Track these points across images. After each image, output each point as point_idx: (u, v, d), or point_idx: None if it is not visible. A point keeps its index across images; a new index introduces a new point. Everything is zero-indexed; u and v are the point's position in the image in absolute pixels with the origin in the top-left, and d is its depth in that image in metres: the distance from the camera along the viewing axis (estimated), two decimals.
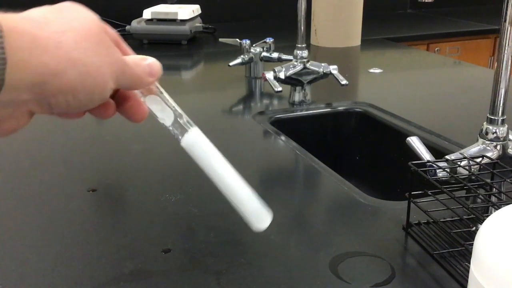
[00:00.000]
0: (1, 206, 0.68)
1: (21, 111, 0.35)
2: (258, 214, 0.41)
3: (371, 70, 1.39)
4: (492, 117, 0.61)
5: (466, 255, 0.54)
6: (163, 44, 1.72)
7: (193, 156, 0.41)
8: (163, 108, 0.41)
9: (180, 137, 0.41)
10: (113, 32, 0.39)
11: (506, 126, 0.62)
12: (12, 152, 0.86)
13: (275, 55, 1.28)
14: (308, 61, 1.08)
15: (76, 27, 0.34)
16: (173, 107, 0.41)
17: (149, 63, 0.40)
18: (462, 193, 0.64)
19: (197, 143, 0.41)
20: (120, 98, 0.42)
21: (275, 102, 1.13)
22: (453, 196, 0.55)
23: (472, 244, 0.38)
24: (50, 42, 0.32)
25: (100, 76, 0.35)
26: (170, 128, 0.41)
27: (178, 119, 0.41)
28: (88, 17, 0.36)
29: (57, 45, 0.33)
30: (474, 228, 0.59)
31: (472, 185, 0.58)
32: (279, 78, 1.06)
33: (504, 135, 0.61)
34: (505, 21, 0.57)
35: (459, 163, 0.60)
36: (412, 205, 0.59)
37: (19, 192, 0.72)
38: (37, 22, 0.33)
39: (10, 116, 0.35)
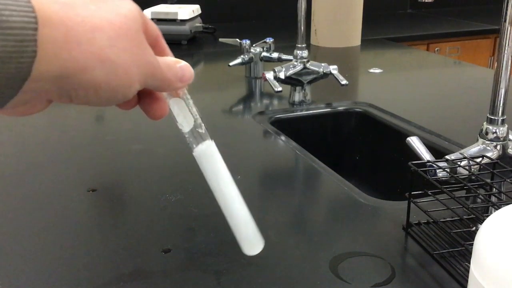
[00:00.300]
0: (1, 207, 0.68)
1: (40, 98, 0.34)
2: (251, 241, 0.42)
3: (371, 70, 1.39)
4: (492, 117, 0.61)
5: (466, 255, 0.54)
6: None
7: (202, 168, 0.41)
8: (185, 114, 0.41)
9: (194, 146, 0.41)
10: (153, 28, 0.38)
11: (506, 126, 0.62)
12: (12, 152, 0.86)
13: (275, 55, 1.28)
14: (308, 61, 1.08)
15: (114, 23, 0.33)
16: (196, 115, 0.41)
17: (182, 66, 0.39)
18: (462, 193, 0.64)
19: (209, 156, 0.41)
20: (143, 93, 0.40)
21: (275, 102, 1.13)
22: (453, 196, 0.55)
23: (472, 244, 0.38)
24: (83, 38, 0.32)
25: (127, 77, 0.34)
26: (187, 135, 0.41)
27: (197, 129, 0.41)
28: (129, 12, 0.35)
29: (90, 41, 0.32)
30: (474, 228, 0.59)
31: (472, 185, 0.58)
32: (279, 78, 1.06)
33: (504, 135, 0.61)
34: (505, 21, 0.57)
35: (459, 163, 0.60)
36: (412, 205, 0.59)
37: (19, 192, 0.72)
38: (75, 12, 0.32)
39: (27, 101, 0.34)
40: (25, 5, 0.29)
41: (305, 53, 1.08)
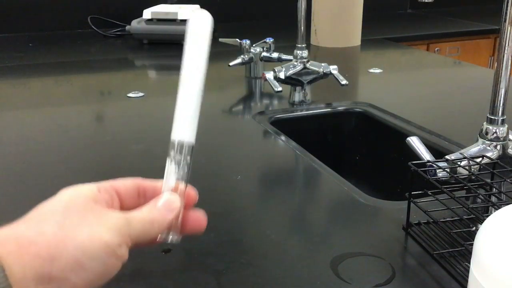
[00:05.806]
0: (1, 207, 0.68)
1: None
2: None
3: (371, 70, 1.39)
4: (492, 117, 0.61)
5: (466, 255, 0.54)
6: (163, 44, 1.72)
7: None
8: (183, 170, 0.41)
9: None
10: (107, 190, 0.40)
11: (506, 126, 0.62)
12: (12, 152, 0.86)
13: (275, 55, 1.28)
14: (308, 61, 1.08)
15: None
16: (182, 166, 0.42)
17: (165, 203, 0.40)
18: (462, 193, 0.64)
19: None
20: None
21: (275, 102, 1.13)
22: (453, 196, 0.55)
23: (472, 244, 0.38)
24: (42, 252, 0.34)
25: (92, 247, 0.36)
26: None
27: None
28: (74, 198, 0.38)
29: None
30: (474, 228, 0.59)
31: (472, 185, 0.58)
32: (279, 78, 1.06)
33: (504, 135, 0.61)
34: (505, 21, 0.57)
35: (459, 163, 0.60)
36: (412, 205, 0.59)
37: (19, 192, 0.72)
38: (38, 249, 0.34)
39: None
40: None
41: (305, 53, 1.08)
